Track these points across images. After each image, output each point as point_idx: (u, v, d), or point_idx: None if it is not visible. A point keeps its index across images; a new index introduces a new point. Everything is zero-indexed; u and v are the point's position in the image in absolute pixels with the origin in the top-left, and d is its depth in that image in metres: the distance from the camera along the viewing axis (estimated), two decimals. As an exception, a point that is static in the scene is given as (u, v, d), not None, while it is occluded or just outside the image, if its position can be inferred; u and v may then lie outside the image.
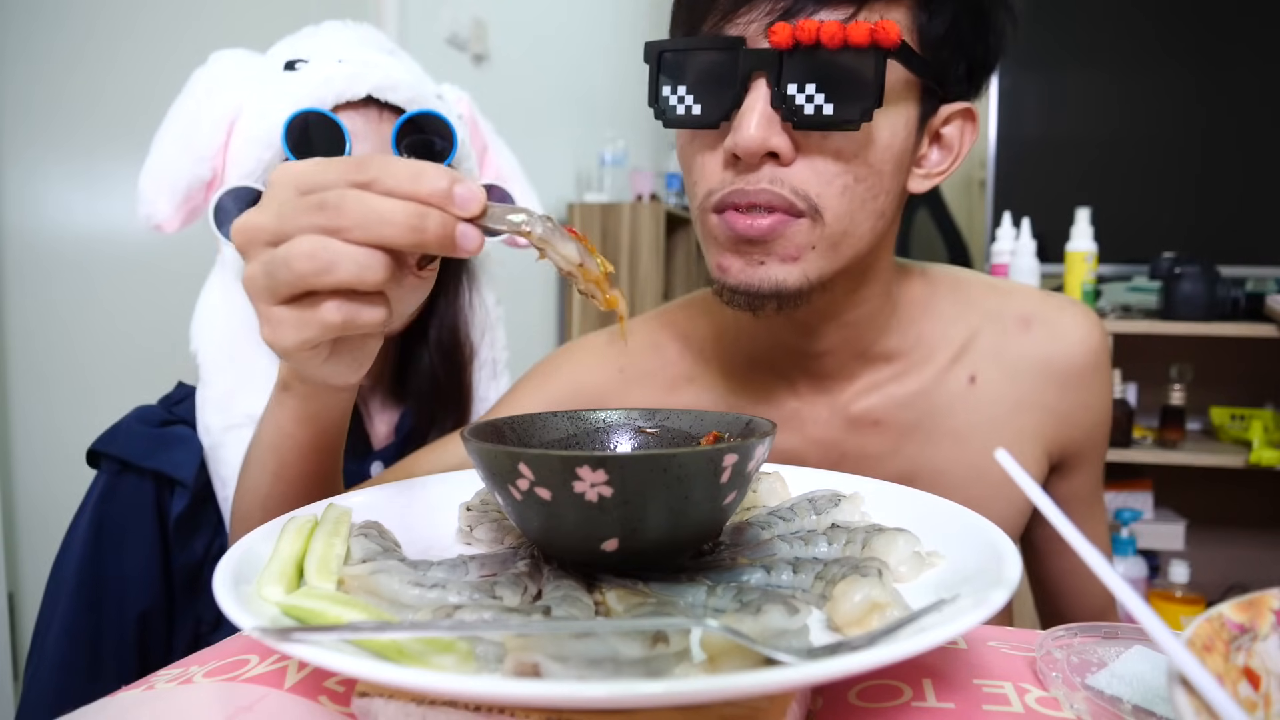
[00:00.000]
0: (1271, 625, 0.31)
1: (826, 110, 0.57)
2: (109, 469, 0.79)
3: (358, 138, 0.78)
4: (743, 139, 0.57)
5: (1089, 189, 2.10)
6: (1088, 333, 0.74)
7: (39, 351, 1.36)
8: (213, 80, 0.82)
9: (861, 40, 0.54)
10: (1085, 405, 0.75)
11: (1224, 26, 2.17)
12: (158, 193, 0.79)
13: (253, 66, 0.84)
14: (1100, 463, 0.80)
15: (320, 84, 0.78)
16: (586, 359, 0.79)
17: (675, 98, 0.62)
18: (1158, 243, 2.08)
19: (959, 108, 0.65)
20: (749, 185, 0.59)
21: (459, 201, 0.40)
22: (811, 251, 0.61)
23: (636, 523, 0.40)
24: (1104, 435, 0.78)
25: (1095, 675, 0.38)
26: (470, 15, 2.43)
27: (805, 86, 0.57)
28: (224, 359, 0.79)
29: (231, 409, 0.77)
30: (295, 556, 0.42)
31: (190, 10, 1.59)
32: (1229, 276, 1.91)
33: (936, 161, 0.67)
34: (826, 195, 0.60)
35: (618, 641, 0.31)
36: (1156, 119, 2.17)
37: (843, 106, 0.56)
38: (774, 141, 0.58)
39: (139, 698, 0.39)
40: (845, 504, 0.51)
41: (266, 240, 0.42)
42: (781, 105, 0.57)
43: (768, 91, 0.57)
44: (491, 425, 0.49)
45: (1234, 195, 2.15)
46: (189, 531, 0.78)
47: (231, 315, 0.81)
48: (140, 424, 0.80)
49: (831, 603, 0.38)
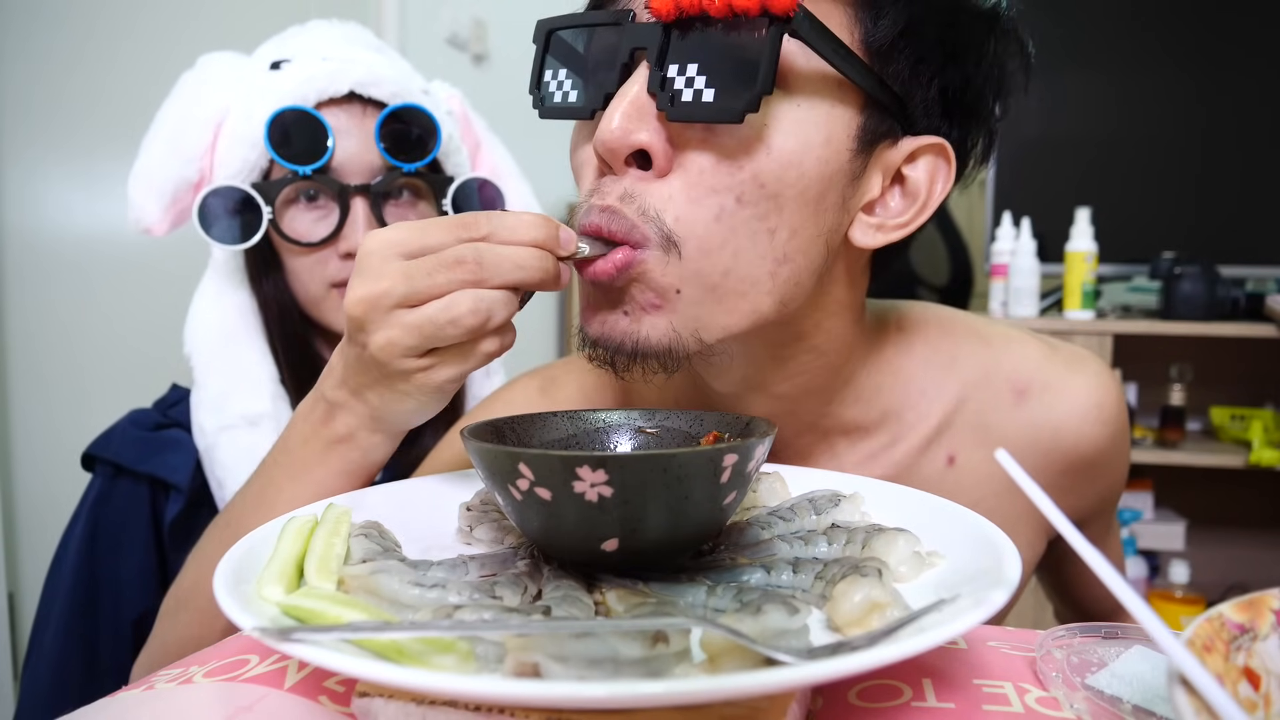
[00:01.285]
0: (1271, 625, 0.31)
1: (706, 97, 0.45)
2: (104, 473, 0.79)
3: (340, 133, 0.78)
4: (601, 132, 0.47)
5: (1089, 189, 2.09)
6: (1100, 403, 0.60)
7: (39, 352, 1.36)
8: (200, 83, 0.82)
9: (749, 6, 0.43)
10: (1094, 481, 0.63)
11: (1224, 27, 2.17)
12: (146, 196, 0.79)
13: (240, 68, 0.84)
14: (1114, 509, 0.71)
15: (303, 81, 0.78)
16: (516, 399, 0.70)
17: (555, 83, 0.52)
18: (1158, 243, 2.08)
19: (928, 142, 0.51)
20: (598, 200, 0.48)
21: (564, 244, 0.44)
22: (677, 296, 0.48)
23: (636, 523, 0.40)
24: (1118, 493, 0.67)
25: (1095, 675, 0.38)
26: (470, 15, 2.43)
27: (687, 68, 0.45)
28: (217, 360, 0.79)
29: (225, 409, 0.78)
30: (295, 556, 0.42)
31: (190, 10, 1.59)
32: (1229, 276, 1.91)
33: (897, 210, 0.52)
34: (690, 219, 0.47)
35: (618, 641, 0.31)
36: (1156, 119, 2.17)
37: (724, 94, 0.44)
38: (639, 137, 0.46)
39: (139, 698, 0.39)
40: (845, 504, 0.51)
41: (395, 304, 0.45)
42: (659, 90, 0.46)
43: (646, 75, 0.47)
44: (491, 425, 0.49)
45: (1234, 195, 2.15)
46: (185, 534, 0.78)
47: (224, 317, 0.81)
48: (134, 428, 0.80)
49: (831, 603, 0.38)
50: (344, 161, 0.79)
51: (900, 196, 0.53)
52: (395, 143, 0.81)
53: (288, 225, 0.80)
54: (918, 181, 0.52)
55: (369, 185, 0.80)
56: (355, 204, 0.80)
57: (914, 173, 0.52)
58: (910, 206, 0.52)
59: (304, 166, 0.77)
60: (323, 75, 0.79)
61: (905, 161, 0.52)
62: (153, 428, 0.81)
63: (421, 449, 0.89)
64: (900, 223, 0.52)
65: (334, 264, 0.82)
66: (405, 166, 0.82)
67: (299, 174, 0.78)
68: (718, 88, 0.45)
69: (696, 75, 0.45)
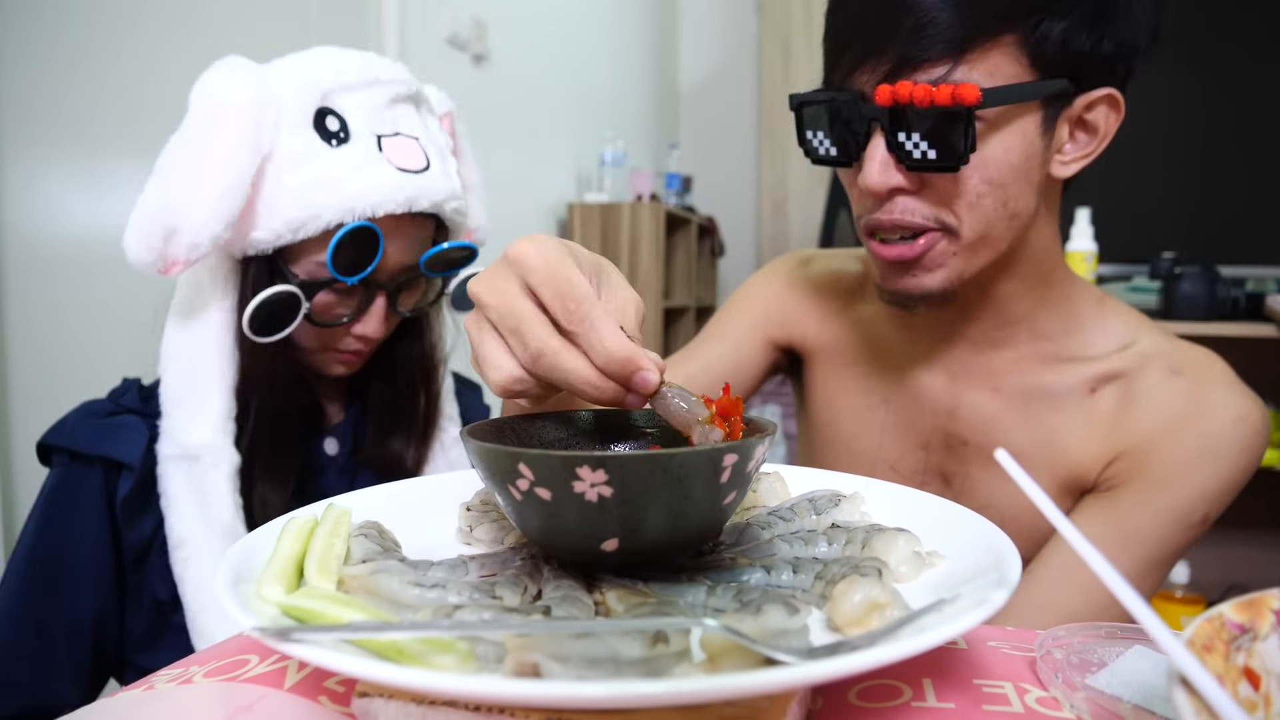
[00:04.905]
0: (1271, 625, 0.31)
1: (930, 155, 0.66)
2: (60, 461, 0.79)
3: (387, 240, 0.79)
4: (865, 182, 0.69)
5: (1089, 189, 2.09)
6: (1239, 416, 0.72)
7: (39, 352, 1.36)
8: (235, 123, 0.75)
9: (945, 102, 0.63)
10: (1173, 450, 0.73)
11: (1225, 27, 2.17)
12: (169, 244, 0.74)
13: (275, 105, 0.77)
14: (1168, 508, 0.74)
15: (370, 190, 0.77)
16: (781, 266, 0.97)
17: (816, 140, 0.73)
18: (1158, 243, 2.08)
19: (1101, 94, 0.69)
20: (883, 215, 0.71)
21: (637, 387, 0.43)
22: (953, 258, 0.71)
23: (636, 523, 0.39)
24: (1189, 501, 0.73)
25: (1095, 675, 0.38)
26: (470, 15, 2.43)
27: (911, 136, 0.66)
28: (185, 393, 0.79)
29: (176, 439, 0.78)
30: (295, 556, 0.42)
31: (190, 11, 1.59)
32: (1229, 276, 1.91)
33: (1083, 144, 0.71)
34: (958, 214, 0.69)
35: (618, 641, 0.31)
36: (1157, 119, 2.17)
37: (943, 153, 0.66)
38: (894, 180, 0.68)
39: (139, 698, 0.39)
40: (845, 504, 0.51)
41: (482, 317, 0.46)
42: (895, 150, 0.67)
43: (883, 139, 0.68)
44: (492, 425, 0.49)
45: (1234, 195, 2.15)
46: (136, 511, 0.78)
47: (201, 353, 0.79)
48: (86, 416, 0.81)
49: (831, 603, 0.38)
50: (383, 268, 0.81)
51: (1084, 136, 0.72)
52: (435, 264, 0.84)
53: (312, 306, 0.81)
54: (1095, 122, 0.71)
55: (393, 285, 0.83)
56: (378, 300, 0.83)
57: (1093, 117, 0.71)
58: (1092, 140, 0.72)
59: (351, 278, 0.79)
60: (392, 190, 0.78)
61: (1085, 110, 0.70)
62: (105, 415, 0.81)
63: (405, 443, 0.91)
64: (1085, 153, 0.72)
65: (341, 338, 0.84)
66: (433, 275, 0.86)
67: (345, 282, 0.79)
68: (937, 150, 0.66)
69: (920, 140, 0.66)
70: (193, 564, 0.76)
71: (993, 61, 0.65)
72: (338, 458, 0.90)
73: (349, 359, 0.86)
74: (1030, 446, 0.78)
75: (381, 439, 0.91)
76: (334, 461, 0.90)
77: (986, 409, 0.80)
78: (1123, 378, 0.77)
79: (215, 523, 0.77)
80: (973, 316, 0.79)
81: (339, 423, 0.92)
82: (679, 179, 3.48)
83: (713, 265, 3.95)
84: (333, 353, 0.85)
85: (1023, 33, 0.65)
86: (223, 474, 0.78)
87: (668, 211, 3.09)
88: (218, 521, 0.77)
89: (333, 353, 0.85)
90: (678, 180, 3.47)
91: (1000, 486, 0.79)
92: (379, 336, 0.84)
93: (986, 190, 0.68)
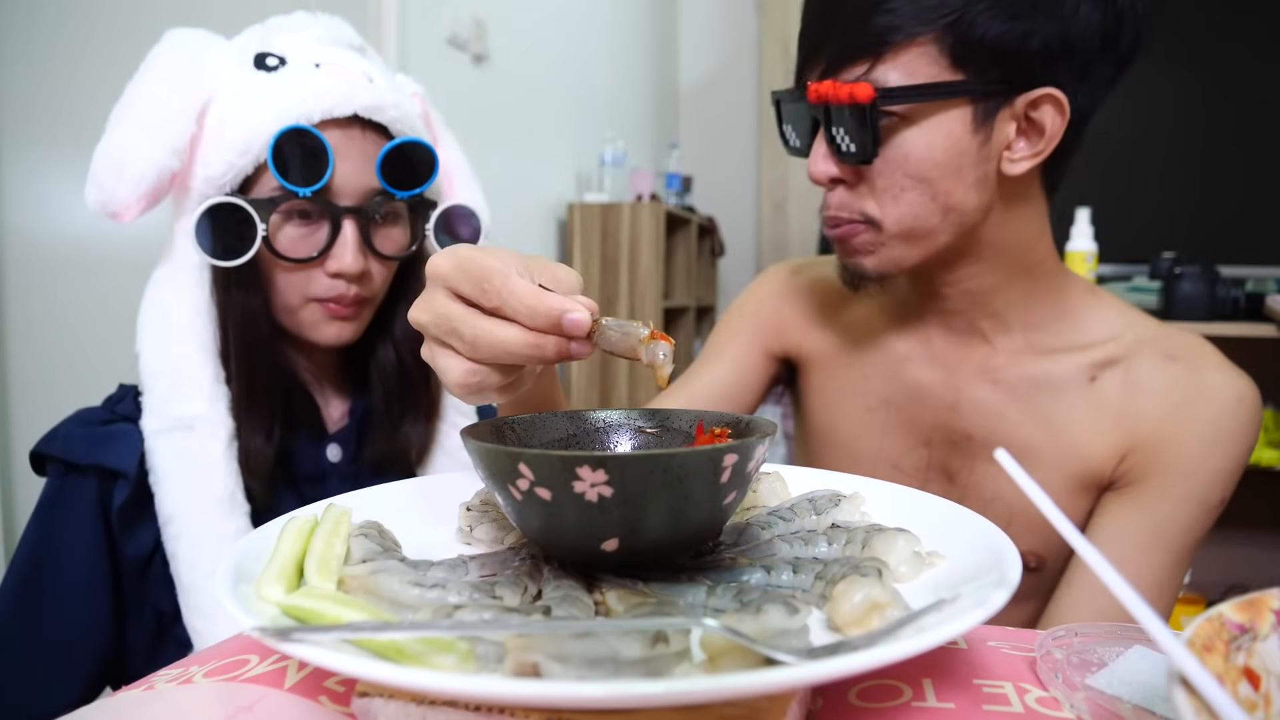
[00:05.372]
0: (1271, 625, 0.31)
1: (852, 149, 0.71)
2: (55, 471, 0.78)
3: (339, 155, 0.78)
4: (808, 172, 0.76)
5: (1089, 189, 2.10)
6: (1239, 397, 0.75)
7: (40, 352, 1.36)
8: (178, 63, 0.80)
9: (844, 99, 0.69)
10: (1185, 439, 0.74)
11: (1225, 27, 2.17)
12: (118, 180, 0.76)
13: (218, 53, 0.83)
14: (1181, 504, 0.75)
15: (307, 98, 0.77)
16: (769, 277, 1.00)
17: (787, 133, 0.80)
18: (1158, 243, 2.08)
19: (1040, 94, 0.70)
20: (828, 212, 0.77)
21: (568, 329, 0.45)
22: (883, 247, 0.76)
23: (636, 523, 0.39)
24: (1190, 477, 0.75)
25: (1095, 675, 0.38)
26: (470, 15, 2.43)
27: (838, 131, 0.71)
28: (162, 361, 0.78)
29: (165, 412, 0.77)
30: (295, 556, 0.42)
31: (190, 12, 1.58)
32: (1229, 276, 1.91)
33: (1031, 143, 0.73)
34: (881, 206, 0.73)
35: (618, 641, 0.31)
36: (1157, 119, 2.17)
37: (859, 148, 0.71)
38: (832, 171, 0.74)
39: (139, 698, 0.39)
40: (845, 504, 0.51)
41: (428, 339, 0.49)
42: (831, 144, 0.73)
43: (823, 133, 0.73)
44: (491, 425, 0.49)
45: (1234, 195, 2.15)
46: (133, 521, 0.77)
47: (175, 316, 0.79)
48: (80, 425, 0.80)
49: (831, 603, 0.38)
50: (339, 184, 0.79)
51: (1031, 134, 0.72)
52: (395, 172, 0.82)
53: (277, 240, 0.79)
54: (1041, 121, 0.71)
55: (361, 208, 0.81)
56: (346, 226, 0.80)
57: (1037, 115, 0.71)
58: (1040, 139, 0.72)
59: (303, 188, 0.77)
60: (328, 94, 0.78)
61: (1029, 109, 0.71)
62: (100, 424, 0.80)
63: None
64: (1035, 152, 0.72)
65: (318, 281, 0.81)
66: (400, 194, 0.83)
67: (297, 194, 0.77)
68: (855, 144, 0.71)
69: (844, 136, 0.71)
70: (185, 539, 0.75)
71: (908, 61, 0.68)
72: (340, 464, 0.89)
73: (337, 310, 0.82)
74: (1037, 438, 0.78)
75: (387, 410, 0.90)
76: (336, 468, 0.89)
77: (988, 402, 0.81)
78: (1120, 363, 0.78)
79: (209, 494, 0.75)
80: (953, 309, 0.81)
81: (341, 429, 0.91)
82: (679, 179, 3.48)
83: (713, 265, 3.95)
84: (317, 305, 0.82)
85: (939, 31, 0.67)
86: (220, 442, 0.76)
87: (668, 211, 3.09)
88: (211, 493, 0.75)
89: (317, 305, 0.82)
90: (678, 180, 3.47)
91: (1007, 480, 0.79)
92: (356, 270, 0.80)
93: (910, 184, 0.72)
